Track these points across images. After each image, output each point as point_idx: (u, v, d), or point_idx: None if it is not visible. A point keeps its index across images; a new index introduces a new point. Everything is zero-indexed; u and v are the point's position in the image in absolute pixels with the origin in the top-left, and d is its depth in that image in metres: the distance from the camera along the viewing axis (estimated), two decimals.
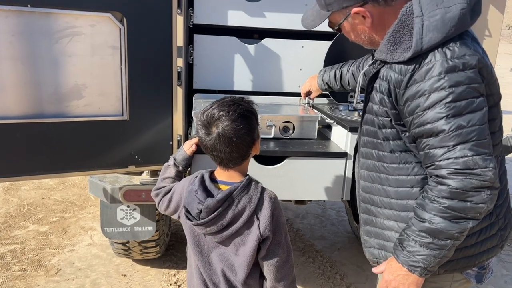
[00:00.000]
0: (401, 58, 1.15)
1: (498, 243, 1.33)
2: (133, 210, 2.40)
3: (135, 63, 1.94)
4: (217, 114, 1.31)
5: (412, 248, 1.18)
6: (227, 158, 1.34)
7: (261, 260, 1.39)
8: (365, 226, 1.44)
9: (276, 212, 1.37)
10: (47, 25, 1.79)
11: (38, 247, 3.18)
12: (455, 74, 1.09)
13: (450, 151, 1.10)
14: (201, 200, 1.33)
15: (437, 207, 1.13)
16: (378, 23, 1.23)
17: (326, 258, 3.24)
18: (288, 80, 2.34)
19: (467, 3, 1.13)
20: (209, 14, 2.17)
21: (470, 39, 1.15)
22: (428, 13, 1.13)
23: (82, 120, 1.92)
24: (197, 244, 1.44)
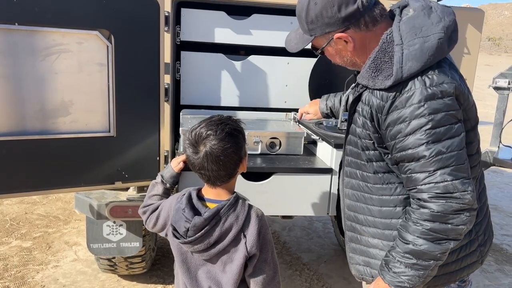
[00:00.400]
0: (382, 85, 1.19)
1: (478, 259, 1.37)
2: (119, 226, 2.39)
3: (122, 80, 1.95)
4: (205, 133, 1.33)
5: (397, 269, 1.21)
6: (215, 176, 1.36)
7: (248, 278, 1.41)
8: (350, 244, 1.46)
9: (263, 229, 1.39)
10: (34, 42, 1.79)
11: (21, 263, 3.12)
12: (434, 102, 1.14)
13: (431, 176, 1.14)
14: (189, 218, 1.34)
15: (419, 229, 1.17)
16: (359, 47, 1.27)
17: (313, 271, 3.25)
18: (274, 96, 2.38)
19: (444, 33, 1.18)
20: (196, 31, 2.20)
21: (448, 66, 1.20)
22: (408, 42, 1.17)
23: (68, 136, 1.92)
24: (184, 261, 1.45)
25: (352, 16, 1.22)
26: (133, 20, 1.92)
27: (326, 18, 1.24)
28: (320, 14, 1.24)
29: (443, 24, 1.19)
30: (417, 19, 1.20)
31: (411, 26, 1.19)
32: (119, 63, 1.93)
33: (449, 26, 1.20)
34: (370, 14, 1.23)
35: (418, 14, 1.21)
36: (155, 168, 2.11)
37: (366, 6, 1.22)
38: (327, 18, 1.24)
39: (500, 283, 3.24)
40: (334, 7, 1.21)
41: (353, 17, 1.22)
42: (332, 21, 1.24)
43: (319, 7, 1.24)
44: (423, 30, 1.18)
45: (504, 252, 3.76)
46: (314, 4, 1.25)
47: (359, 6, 1.21)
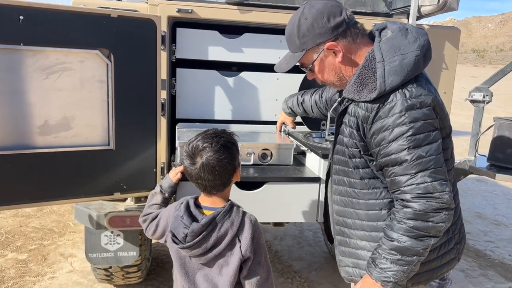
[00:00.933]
0: (367, 98, 1.32)
1: (455, 256, 1.49)
2: (116, 235, 2.47)
3: (121, 96, 2.05)
4: (201, 145, 1.45)
5: (383, 265, 1.32)
6: (211, 186, 1.46)
7: (243, 280, 1.50)
8: (339, 247, 1.57)
9: (256, 234, 1.49)
10: (39, 61, 1.89)
11: (18, 275, 3.17)
12: (414, 112, 1.27)
13: (413, 178, 1.26)
14: (187, 224, 1.44)
15: (403, 227, 1.29)
16: (347, 59, 1.40)
17: (304, 278, 3.35)
18: (265, 110, 2.51)
19: (420, 51, 1.32)
20: (190, 49, 2.32)
21: (424, 80, 1.34)
22: (389, 59, 1.31)
23: (70, 150, 2.01)
24: (183, 266, 1.54)
25: (340, 26, 1.36)
26: (131, 39, 2.03)
27: (317, 28, 1.36)
28: (311, 26, 1.37)
29: (419, 43, 1.33)
30: (395, 39, 1.34)
31: (391, 45, 1.33)
32: (118, 80, 2.03)
33: (424, 45, 1.34)
34: (354, 27, 1.38)
35: (396, 35, 1.35)
36: (152, 180, 2.21)
37: (350, 19, 1.37)
38: (318, 29, 1.36)
39: (484, 287, 3.36)
40: (324, 18, 1.35)
41: (341, 26, 1.36)
42: (323, 31, 1.36)
43: (310, 20, 1.37)
44: (401, 49, 1.32)
45: (488, 258, 3.89)
46: (304, 19, 1.38)
47: (345, 17, 1.36)
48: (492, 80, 2.51)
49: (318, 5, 1.37)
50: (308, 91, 2.10)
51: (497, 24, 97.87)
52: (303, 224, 4.36)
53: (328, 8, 1.36)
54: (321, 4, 1.37)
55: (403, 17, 2.43)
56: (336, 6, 1.37)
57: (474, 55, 68.55)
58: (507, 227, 4.67)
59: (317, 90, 2.05)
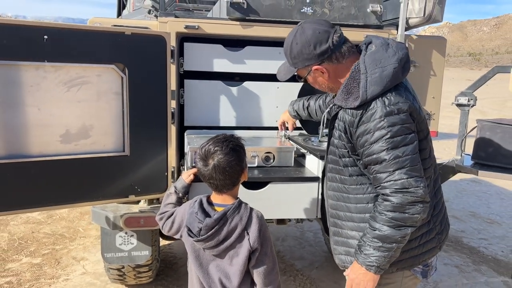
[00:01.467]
0: (352, 105, 1.50)
1: (436, 245, 1.67)
2: (130, 236, 2.64)
3: (135, 106, 2.23)
4: (213, 149, 1.63)
5: (367, 252, 1.51)
6: (221, 185, 1.64)
7: (251, 269, 1.67)
8: (334, 237, 1.75)
9: (263, 228, 1.67)
10: (60, 76, 2.07)
11: (34, 278, 3.33)
12: (392, 117, 1.45)
13: (391, 175, 1.45)
14: (201, 220, 1.62)
15: (384, 218, 1.47)
16: (333, 76, 1.59)
17: (306, 276, 3.52)
18: (267, 116, 2.69)
19: (398, 63, 1.50)
20: (197, 62, 2.51)
21: (403, 89, 1.52)
22: (370, 71, 1.49)
23: (89, 156, 2.19)
24: (197, 258, 1.71)
25: (325, 53, 1.54)
26: (144, 54, 2.22)
27: (305, 54, 1.56)
28: (300, 51, 1.56)
29: (397, 57, 1.51)
30: (377, 54, 1.52)
31: (373, 59, 1.51)
32: (132, 91, 2.21)
33: (402, 58, 1.51)
34: (340, 50, 1.55)
35: (378, 49, 1.53)
36: (164, 183, 2.39)
37: (336, 45, 1.54)
38: (306, 55, 1.56)
39: (477, 281, 3.53)
40: (311, 46, 1.54)
41: (326, 53, 1.54)
42: (309, 57, 1.56)
43: (300, 46, 1.56)
44: (382, 62, 1.50)
45: (481, 254, 4.06)
46: (295, 44, 1.57)
47: (330, 45, 1.53)
48: (476, 85, 2.70)
49: (308, 31, 1.54)
50: (313, 96, 2.29)
51: (492, 27, 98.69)
52: (304, 226, 4.53)
53: (316, 36, 1.52)
54: (311, 30, 1.53)
55: (392, 28, 2.63)
56: (324, 33, 1.53)
57: (470, 58, 68.98)
58: (500, 225, 4.85)
59: (321, 96, 2.24)
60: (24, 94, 2.01)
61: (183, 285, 3.28)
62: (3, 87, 1.95)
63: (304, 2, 2.44)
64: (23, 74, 1.99)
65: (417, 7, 2.51)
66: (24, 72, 1.99)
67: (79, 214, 4.69)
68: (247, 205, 1.67)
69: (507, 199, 5.79)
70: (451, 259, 3.89)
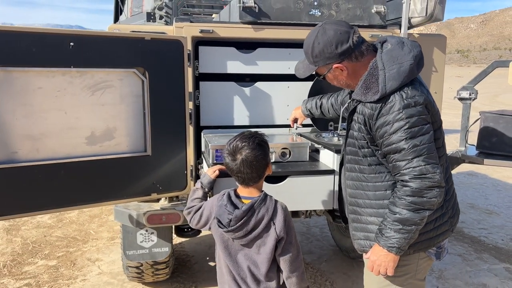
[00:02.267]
0: (372, 99, 1.62)
1: (449, 228, 1.80)
2: (151, 234, 2.74)
3: (155, 108, 2.33)
4: (240, 144, 1.73)
5: (388, 234, 1.63)
6: (248, 178, 1.74)
7: (278, 257, 1.78)
8: (352, 224, 1.87)
9: (287, 218, 1.77)
10: (86, 81, 2.17)
11: (51, 279, 3.41)
12: (409, 109, 1.57)
13: (410, 162, 1.57)
14: (231, 211, 1.71)
15: (403, 203, 1.59)
16: (352, 73, 1.71)
17: (316, 269, 3.63)
18: (278, 115, 2.81)
19: (414, 60, 1.62)
20: (211, 64, 2.62)
21: (418, 83, 1.65)
22: (388, 67, 1.61)
23: (113, 157, 2.28)
24: (226, 248, 1.81)
25: (346, 52, 1.66)
26: (163, 58, 2.32)
27: (327, 53, 1.68)
28: (322, 51, 1.68)
29: (413, 54, 1.64)
30: (394, 51, 1.65)
31: (390, 56, 1.63)
32: (152, 94, 2.31)
33: (417, 55, 1.65)
34: (359, 49, 1.68)
35: (394, 48, 1.66)
36: (184, 181, 2.49)
37: (356, 45, 1.66)
38: (327, 54, 1.68)
39: (480, 268, 3.67)
40: (333, 45, 1.65)
41: (346, 52, 1.66)
42: (331, 55, 1.67)
43: (322, 46, 1.68)
44: (399, 59, 1.62)
45: (482, 243, 4.21)
46: (317, 43, 1.69)
47: (351, 45, 1.65)
48: (476, 80, 2.84)
49: (330, 31, 1.65)
50: (325, 95, 2.40)
51: (479, 24, 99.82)
52: (310, 221, 4.65)
53: (337, 36, 1.64)
54: (333, 31, 1.65)
55: (396, 27, 2.76)
56: (345, 33, 1.64)
57: (459, 55, 69.67)
58: (499, 215, 5.01)
59: (333, 94, 2.35)
60: (52, 99, 2.10)
61: (197, 281, 3.38)
62: (32, 93, 2.05)
63: (312, 5, 2.55)
64: (50, 79, 2.08)
65: (419, 7, 2.64)
66: (51, 78, 2.08)
67: (89, 217, 4.77)
68: (272, 197, 1.78)
69: (504, 191, 5.97)
70: (454, 248, 4.02)
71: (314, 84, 2.67)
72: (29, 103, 2.05)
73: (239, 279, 1.80)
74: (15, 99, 2.01)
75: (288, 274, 1.77)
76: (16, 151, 2.06)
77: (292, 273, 1.77)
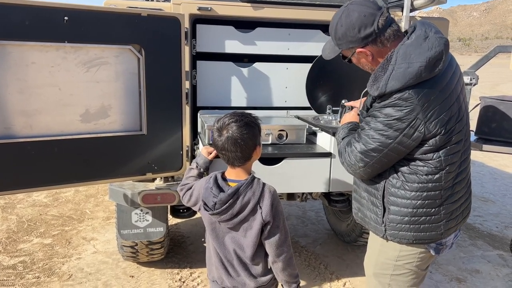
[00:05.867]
0: (373, 93, 1.58)
1: (443, 230, 1.74)
2: (145, 213, 2.74)
3: (151, 86, 2.29)
4: (228, 121, 1.68)
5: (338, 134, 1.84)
6: (233, 157, 1.67)
7: (263, 240, 1.72)
8: (354, 202, 1.89)
9: (275, 202, 1.71)
10: (80, 56, 2.13)
11: (46, 257, 3.42)
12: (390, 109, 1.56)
13: (357, 142, 1.68)
14: (216, 194, 1.67)
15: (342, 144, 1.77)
16: (377, 58, 1.64)
17: (310, 252, 3.65)
18: (276, 97, 2.77)
19: (427, 62, 1.47)
20: (209, 43, 2.57)
21: (428, 88, 1.51)
22: (398, 64, 1.51)
23: (108, 135, 2.26)
24: (213, 230, 1.78)
25: (369, 36, 1.57)
26: (159, 35, 2.27)
27: (349, 37, 1.61)
28: (345, 34, 1.62)
29: (429, 54, 1.48)
30: (410, 47, 1.50)
31: (404, 51, 1.52)
32: (148, 72, 2.27)
33: (434, 56, 1.48)
34: (385, 34, 1.58)
35: (413, 42, 1.51)
36: (179, 161, 2.46)
37: (381, 29, 1.56)
38: (350, 37, 1.61)
39: (474, 255, 3.69)
40: (355, 29, 1.58)
41: (370, 36, 1.57)
42: (354, 39, 1.60)
43: (344, 28, 1.61)
44: (411, 57, 1.49)
45: (477, 230, 4.23)
46: (340, 26, 1.62)
47: (375, 29, 1.56)
48: (478, 65, 2.80)
49: (353, 14, 1.57)
50: None
51: (482, 13, 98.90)
52: (305, 205, 4.66)
53: (361, 19, 1.55)
54: (357, 13, 1.56)
55: (398, 10, 2.70)
56: (370, 16, 1.54)
57: (460, 43, 69.24)
58: (494, 203, 5.03)
59: None
60: (46, 74, 2.06)
61: (192, 262, 3.39)
62: (26, 68, 2.01)
63: None
64: (44, 54, 2.04)
65: None
66: (45, 53, 2.04)
67: (85, 197, 4.77)
68: (259, 180, 1.72)
69: (500, 179, 5.98)
70: None
71: (314, 65, 2.63)
72: (22, 78, 2.01)
73: (226, 261, 1.78)
74: (8, 73, 1.97)
75: (274, 259, 1.73)
76: (9, 126, 2.03)
77: (278, 257, 1.72)
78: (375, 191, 1.72)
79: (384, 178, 1.68)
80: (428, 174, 1.61)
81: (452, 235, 1.80)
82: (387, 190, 1.68)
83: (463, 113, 1.64)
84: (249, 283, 1.76)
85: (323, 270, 3.36)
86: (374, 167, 1.65)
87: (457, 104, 1.60)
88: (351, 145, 1.69)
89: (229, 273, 1.78)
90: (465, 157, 1.71)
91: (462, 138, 1.65)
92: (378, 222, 1.73)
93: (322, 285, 3.14)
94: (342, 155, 1.75)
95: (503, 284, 3.23)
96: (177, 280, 3.12)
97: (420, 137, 1.55)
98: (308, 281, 3.19)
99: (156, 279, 3.14)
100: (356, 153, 1.65)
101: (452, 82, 1.59)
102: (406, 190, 1.64)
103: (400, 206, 1.66)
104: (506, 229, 4.27)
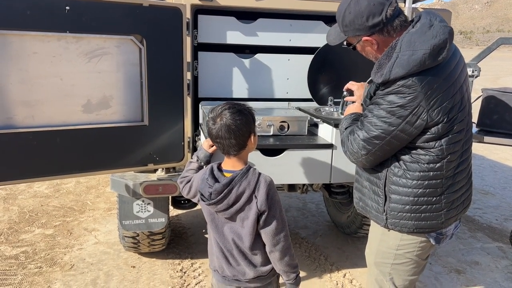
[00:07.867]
0: (377, 80, 1.58)
1: (455, 214, 1.77)
2: (147, 204, 2.74)
3: (152, 77, 2.30)
4: (221, 109, 1.68)
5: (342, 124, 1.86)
6: (228, 145, 1.66)
7: (260, 230, 1.72)
8: (356, 192, 1.90)
9: (270, 192, 1.70)
10: (82, 47, 2.12)
11: (48, 247, 3.43)
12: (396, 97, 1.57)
13: (360, 130, 1.68)
14: (211, 185, 1.67)
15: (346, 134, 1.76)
16: (382, 48, 1.64)
17: (311, 244, 3.66)
18: (277, 88, 2.77)
19: (431, 49, 1.47)
20: (210, 34, 2.56)
21: (432, 75, 1.52)
22: (402, 52, 1.51)
23: (110, 126, 2.26)
24: (213, 220, 1.79)
25: (377, 25, 1.58)
26: (160, 26, 2.27)
27: (356, 25, 1.61)
28: (352, 21, 1.61)
29: (433, 42, 1.48)
30: (414, 35, 1.51)
31: (408, 39, 1.52)
32: (150, 63, 2.27)
33: (438, 44, 1.48)
34: (392, 24, 1.58)
35: (418, 30, 1.52)
36: (181, 152, 2.47)
37: (389, 19, 1.57)
38: (357, 25, 1.60)
39: (473, 247, 3.71)
40: (363, 17, 1.58)
41: (377, 26, 1.58)
42: (361, 27, 1.60)
43: (352, 16, 1.60)
44: (416, 45, 1.49)
45: (476, 222, 4.25)
46: (348, 13, 1.61)
47: (383, 18, 1.56)
48: (480, 57, 2.79)
49: (363, 1, 1.56)
50: None
51: (483, 5, 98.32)
52: (306, 197, 4.67)
53: (370, 7, 1.55)
54: (366, 1, 1.55)
55: (400, 1, 2.69)
56: (379, 5, 1.54)
57: (461, 36, 68.92)
58: (494, 195, 5.04)
59: None
60: (47, 65, 2.06)
61: (193, 253, 3.41)
62: (27, 58, 2.00)
63: None
64: (46, 44, 2.04)
65: None
66: (47, 43, 2.04)
67: (86, 188, 4.78)
68: (255, 170, 1.71)
69: (500, 172, 5.99)
70: None
71: (315, 56, 2.62)
72: (24, 68, 2.01)
73: (226, 251, 1.79)
74: (9, 63, 1.97)
75: (271, 248, 1.73)
76: (11, 116, 2.04)
77: (274, 247, 1.72)
78: (377, 180, 1.73)
79: (386, 166, 1.69)
80: (429, 162, 1.62)
81: (453, 225, 1.81)
82: (388, 178, 1.69)
83: (465, 103, 1.64)
84: (248, 272, 1.77)
85: (323, 261, 3.38)
86: (376, 154, 1.65)
87: (460, 94, 1.60)
88: (353, 133, 1.69)
89: (229, 262, 1.79)
90: (466, 147, 1.72)
91: (464, 127, 1.65)
92: (379, 211, 1.74)
93: (322, 276, 3.17)
94: (345, 144, 1.75)
95: (502, 276, 3.25)
96: (178, 271, 3.14)
97: (423, 124, 1.55)
98: (308, 272, 3.21)
99: (157, 270, 3.15)
100: (359, 140, 1.65)
101: (455, 72, 1.59)
102: (408, 178, 1.65)
103: (401, 194, 1.67)
104: (506, 222, 4.29)
